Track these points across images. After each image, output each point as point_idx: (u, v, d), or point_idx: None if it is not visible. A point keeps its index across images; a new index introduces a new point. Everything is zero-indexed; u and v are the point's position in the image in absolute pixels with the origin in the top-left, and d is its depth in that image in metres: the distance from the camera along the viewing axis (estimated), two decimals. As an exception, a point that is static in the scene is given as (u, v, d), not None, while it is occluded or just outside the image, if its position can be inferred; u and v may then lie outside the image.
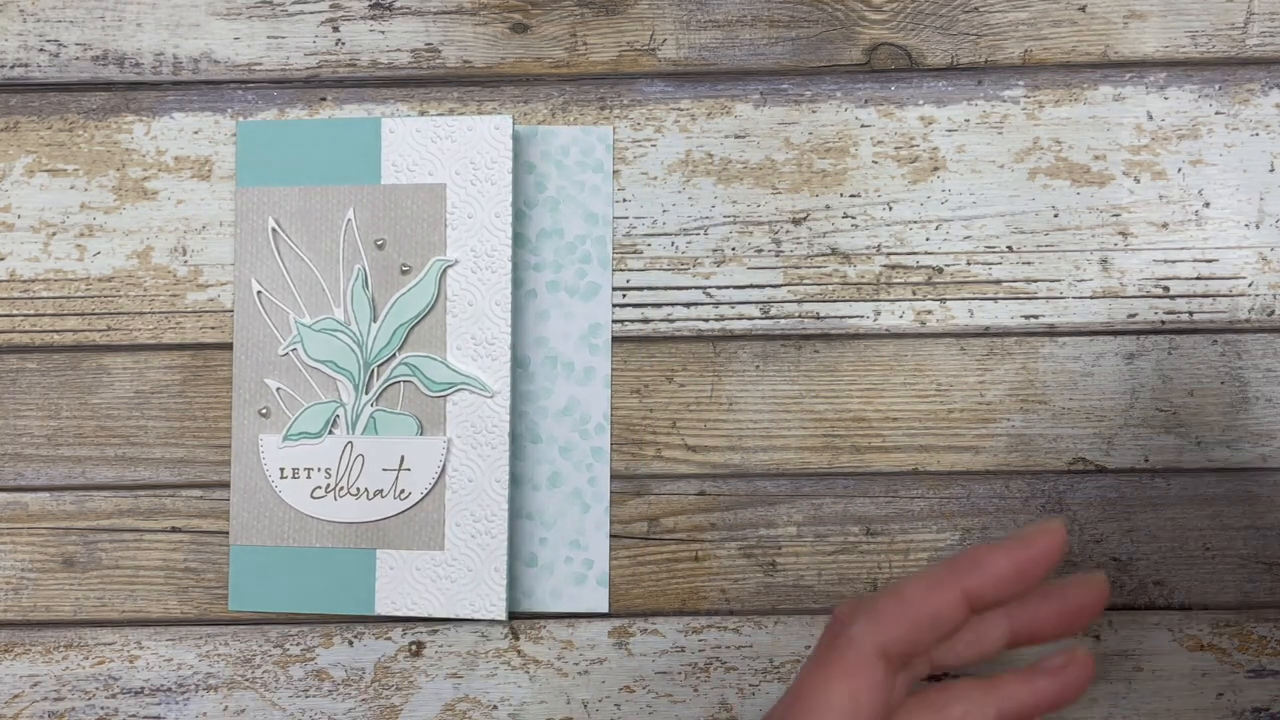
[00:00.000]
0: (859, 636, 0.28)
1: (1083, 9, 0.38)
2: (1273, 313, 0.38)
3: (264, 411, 0.38)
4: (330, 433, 0.38)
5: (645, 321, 0.38)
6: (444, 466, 0.37)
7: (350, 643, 0.38)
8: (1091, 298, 0.38)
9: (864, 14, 0.38)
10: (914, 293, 0.38)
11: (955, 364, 0.38)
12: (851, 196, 0.38)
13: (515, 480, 0.38)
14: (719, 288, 0.38)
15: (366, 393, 0.38)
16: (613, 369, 0.38)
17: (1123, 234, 0.37)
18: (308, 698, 0.38)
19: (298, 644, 0.38)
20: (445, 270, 0.37)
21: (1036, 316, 0.38)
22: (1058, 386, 0.38)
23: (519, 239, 0.38)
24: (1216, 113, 0.38)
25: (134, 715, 0.38)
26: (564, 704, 0.38)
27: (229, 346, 0.39)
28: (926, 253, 0.38)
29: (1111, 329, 0.37)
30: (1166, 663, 0.37)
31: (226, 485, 0.39)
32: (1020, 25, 0.38)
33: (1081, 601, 0.29)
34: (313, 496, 0.38)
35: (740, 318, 0.38)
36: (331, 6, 0.39)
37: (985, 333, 0.38)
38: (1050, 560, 0.29)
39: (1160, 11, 0.38)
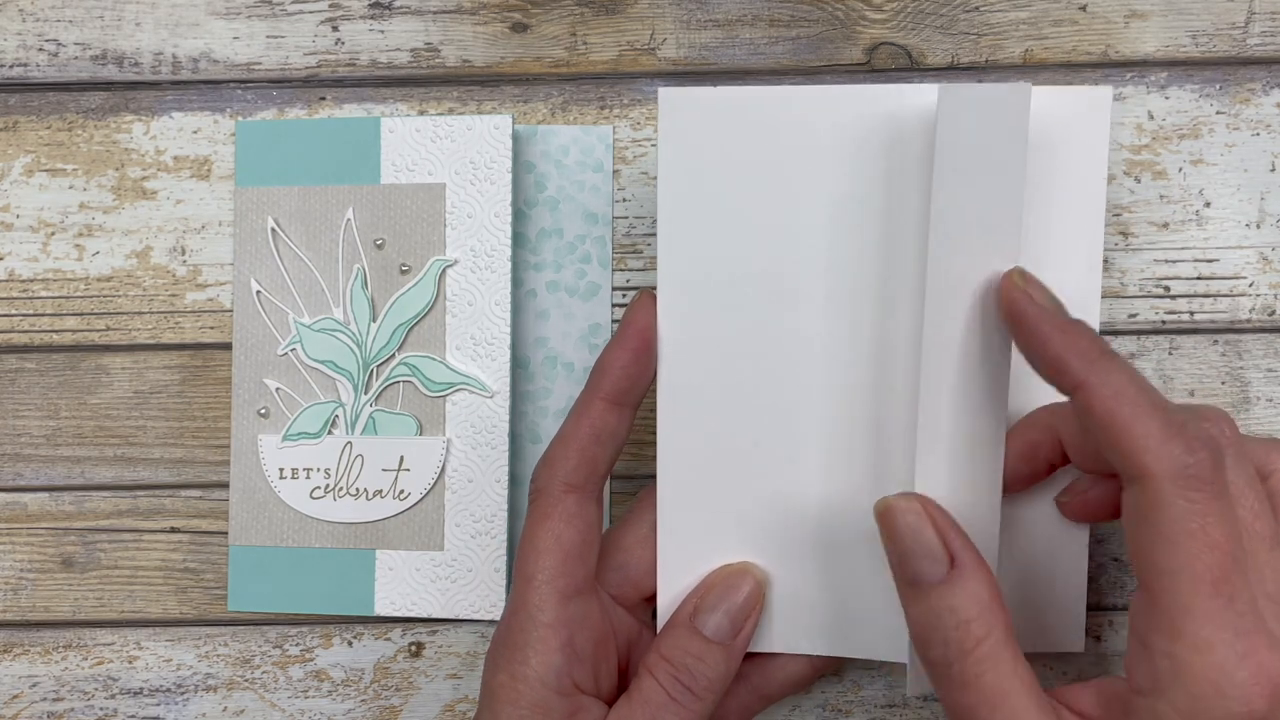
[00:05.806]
0: (543, 485, 0.31)
1: (1083, 8, 0.38)
2: (1273, 313, 0.37)
3: (263, 412, 0.38)
4: (329, 433, 0.38)
5: (645, 321, 0.38)
6: (443, 466, 0.37)
7: (350, 643, 0.38)
8: (1092, 298, 0.37)
9: (864, 13, 0.38)
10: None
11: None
12: (852, 196, 0.38)
13: (515, 480, 0.38)
14: (719, 288, 0.38)
15: (366, 393, 0.38)
16: (612, 369, 0.38)
17: (1123, 234, 0.37)
18: (307, 698, 0.38)
19: (297, 644, 0.38)
20: (445, 270, 0.37)
21: (1037, 316, 0.38)
22: (1058, 386, 0.38)
23: (519, 239, 0.38)
24: (1217, 112, 0.37)
25: (133, 716, 0.38)
26: (564, 704, 0.38)
27: (228, 346, 0.39)
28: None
29: (1112, 329, 0.37)
30: (1167, 663, 0.37)
31: (226, 485, 0.38)
32: (1021, 25, 0.38)
33: None
34: (312, 497, 0.38)
35: (740, 318, 0.38)
36: (331, 6, 0.39)
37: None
38: (649, 324, 0.32)
39: (1161, 11, 0.38)
